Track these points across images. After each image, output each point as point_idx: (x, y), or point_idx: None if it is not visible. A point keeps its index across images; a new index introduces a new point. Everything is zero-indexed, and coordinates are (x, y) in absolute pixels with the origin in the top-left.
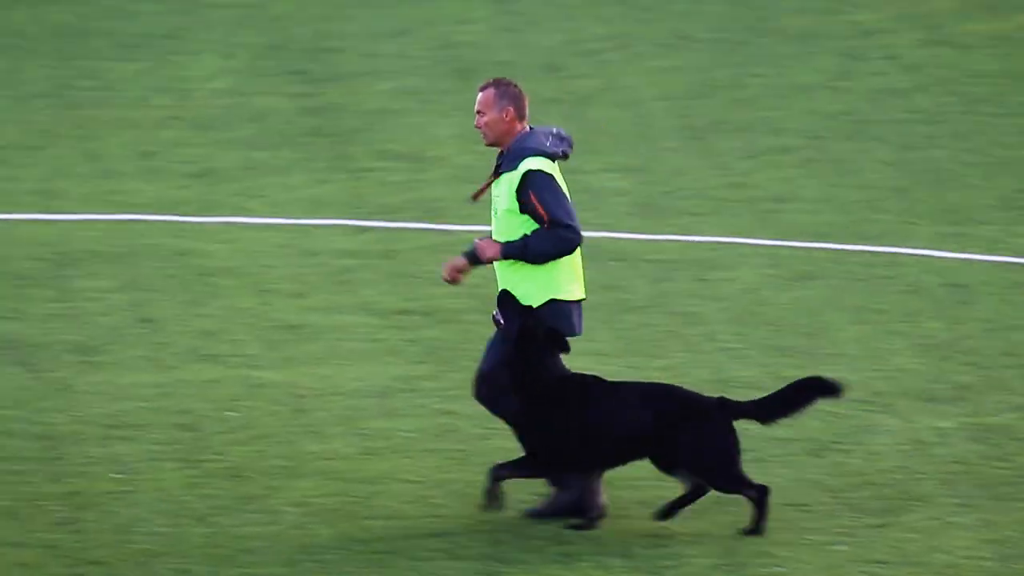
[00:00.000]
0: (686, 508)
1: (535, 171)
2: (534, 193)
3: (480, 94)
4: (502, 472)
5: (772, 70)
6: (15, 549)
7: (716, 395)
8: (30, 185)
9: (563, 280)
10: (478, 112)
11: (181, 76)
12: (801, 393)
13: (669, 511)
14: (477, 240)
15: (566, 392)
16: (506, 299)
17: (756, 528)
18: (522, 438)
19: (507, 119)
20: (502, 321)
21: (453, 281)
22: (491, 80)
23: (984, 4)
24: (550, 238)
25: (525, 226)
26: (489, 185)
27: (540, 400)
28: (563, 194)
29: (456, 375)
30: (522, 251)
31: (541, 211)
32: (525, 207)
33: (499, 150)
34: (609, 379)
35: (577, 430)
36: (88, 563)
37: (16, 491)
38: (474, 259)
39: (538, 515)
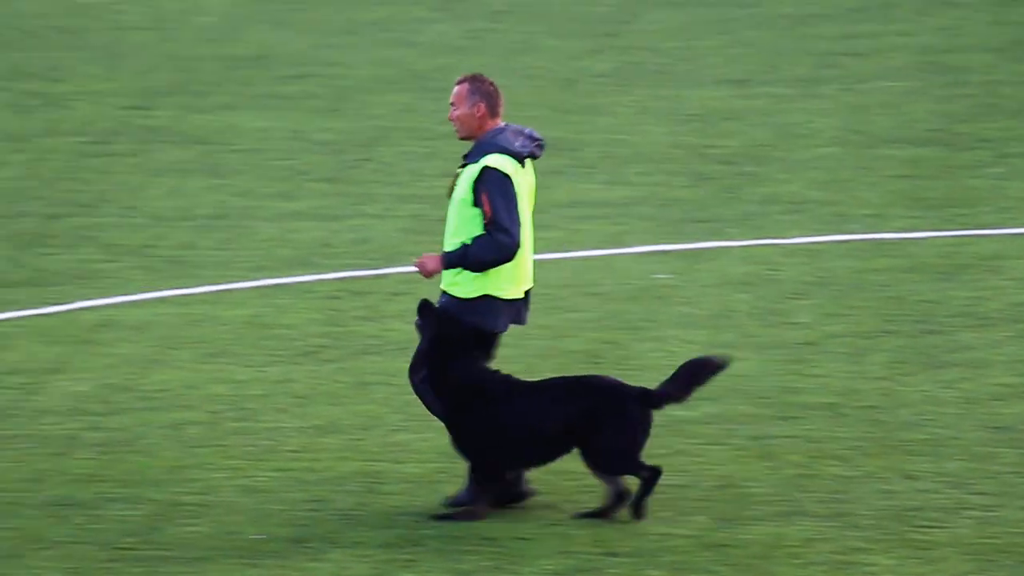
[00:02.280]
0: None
1: (493, 169)
2: (486, 191)
3: (455, 88)
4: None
5: None
6: None
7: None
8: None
9: (501, 278)
10: (451, 104)
11: None
12: (700, 370)
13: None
14: (419, 258)
15: (483, 391)
16: (427, 309)
17: (637, 510)
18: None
19: (478, 115)
20: (420, 324)
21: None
22: (467, 76)
23: None
24: (488, 246)
25: (476, 219)
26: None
27: (458, 400)
28: (513, 198)
29: None
30: (462, 259)
31: (487, 210)
32: (476, 202)
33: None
34: (527, 378)
35: (494, 429)
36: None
37: None
38: (423, 270)
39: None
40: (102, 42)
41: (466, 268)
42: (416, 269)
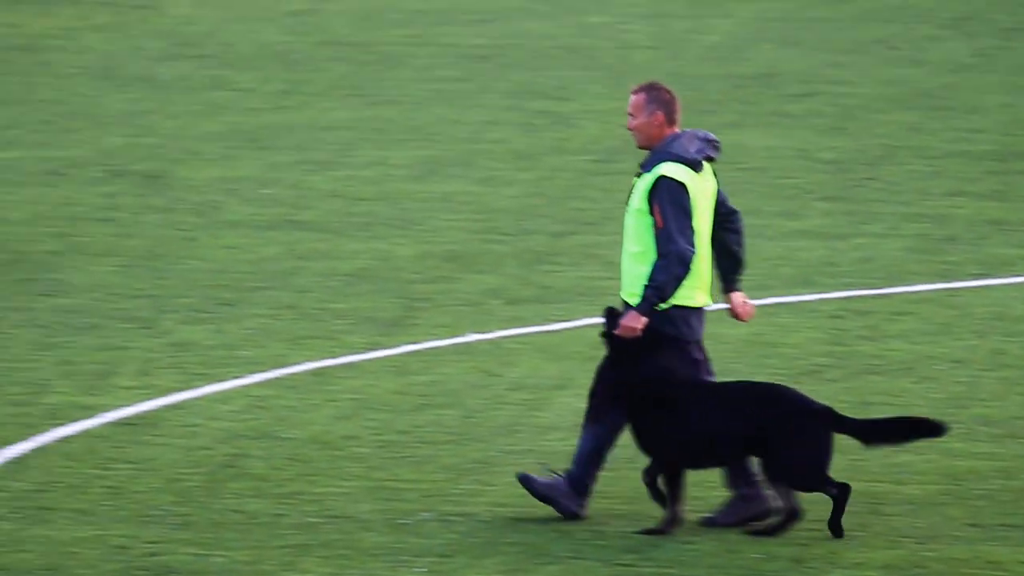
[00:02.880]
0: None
1: (667, 178)
2: (658, 201)
3: (632, 97)
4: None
5: None
6: None
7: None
8: None
9: (685, 286)
10: (629, 115)
11: None
12: (906, 428)
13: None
14: (620, 327)
15: (667, 393)
16: (613, 315)
17: (834, 528)
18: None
19: (656, 123)
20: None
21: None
22: (644, 84)
23: None
24: (666, 267)
25: (651, 228)
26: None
27: (641, 402)
28: (686, 206)
29: None
30: (654, 295)
31: (659, 220)
32: (651, 211)
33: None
34: (715, 380)
35: (677, 431)
36: None
37: None
38: (631, 334)
39: (716, 524)
40: (608, 61)
41: (663, 299)
42: (625, 336)
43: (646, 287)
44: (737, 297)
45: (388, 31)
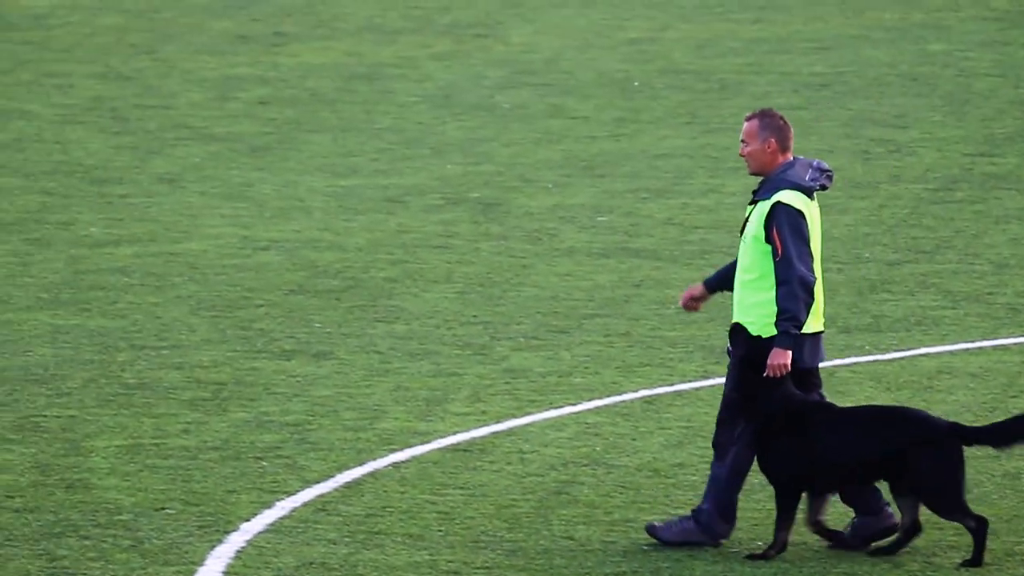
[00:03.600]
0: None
1: (785, 205)
2: (778, 228)
3: (745, 124)
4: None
5: None
6: None
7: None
8: None
9: None
10: (742, 141)
11: None
12: None
13: (888, 550)
14: (769, 368)
15: (794, 417)
16: (737, 332)
17: (975, 560)
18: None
19: (769, 150)
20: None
21: (690, 309)
22: (757, 111)
23: None
24: (793, 295)
25: (768, 256)
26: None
27: (769, 425)
28: (804, 233)
29: None
30: (793, 325)
31: (779, 246)
32: (768, 238)
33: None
34: (840, 405)
35: (806, 454)
36: None
37: None
38: (782, 371)
39: (844, 546)
40: (948, 89)
41: (800, 327)
42: (776, 375)
43: (780, 321)
44: (700, 291)
45: (726, 59)
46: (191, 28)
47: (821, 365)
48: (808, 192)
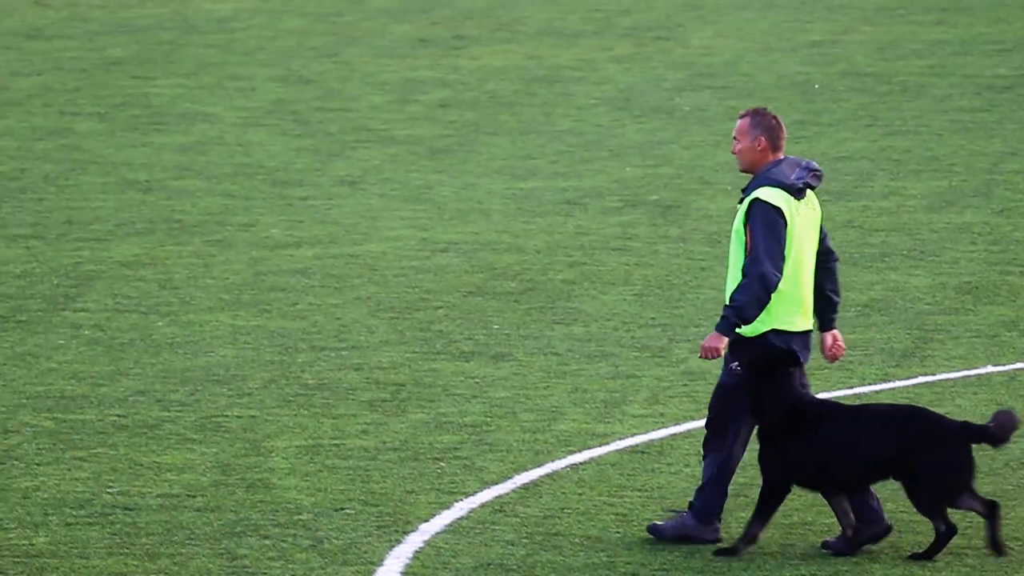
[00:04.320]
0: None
1: (763, 202)
2: (751, 224)
3: (738, 121)
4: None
5: None
6: None
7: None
8: None
9: (784, 311)
10: (734, 139)
11: None
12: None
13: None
14: (701, 349)
15: (802, 416)
16: (736, 345)
17: (927, 554)
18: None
19: (759, 148)
20: (736, 364)
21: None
22: (750, 110)
23: None
24: (746, 287)
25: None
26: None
27: (775, 424)
28: (777, 230)
29: None
30: (734, 315)
31: (749, 241)
32: (746, 233)
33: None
34: (847, 404)
35: (814, 452)
36: None
37: None
38: (712, 355)
39: (835, 550)
40: None
41: (743, 320)
42: (707, 357)
43: (726, 306)
44: (827, 337)
45: (907, 61)
46: (372, 31)
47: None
48: (793, 191)
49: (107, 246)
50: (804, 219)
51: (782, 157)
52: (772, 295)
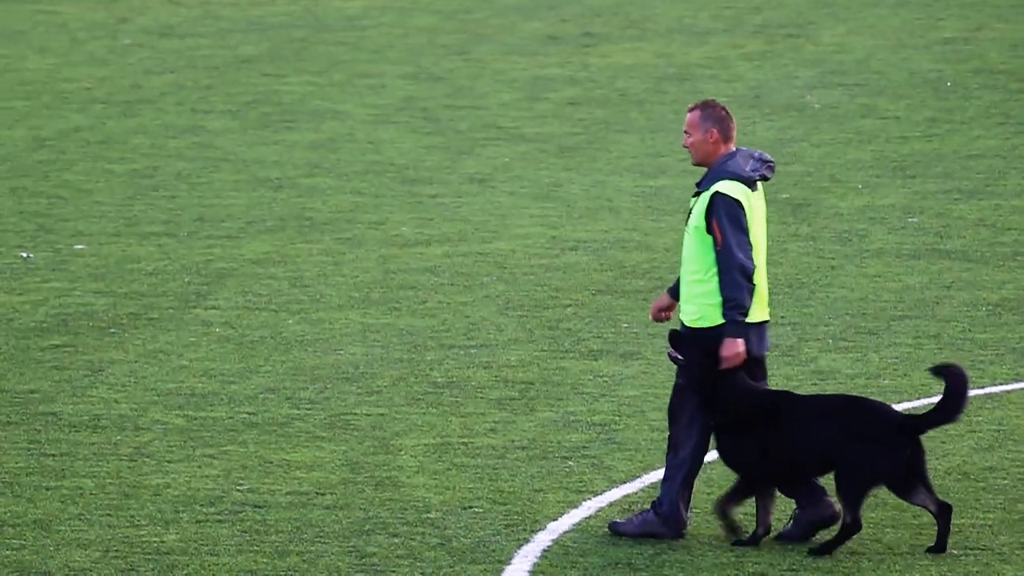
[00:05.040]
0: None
1: (724, 195)
2: (717, 218)
3: (688, 115)
4: (725, 503)
5: None
6: None
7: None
8: None
9: None
10: (685, 132)
11: None
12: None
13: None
14: (726, 360)
15: (755, 408)
16: (676, 337)
17: (825, 549)
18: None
19: (711, 140)
20: (679, 357)
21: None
22: (699, 102)
23: None
24: (735, 282)
25: (710, 246)
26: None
27: (729, 416)
28: (742, 224)
29: None
30: (739, 312)
31: (718, 236)
32: (709, 229)
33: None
34: (799, 394)
35: (765, 444)
36: None
37: None
38: (738, 360)
39: (788, 538)
40: None
41: (745, 313)
42: (735, 364)
43: (726, 310)
44: (666, 299)
45: None
46: (502, 29)
47: None
48: (748, 182)
49: (238, 244)
50: (757, 210)
51: (734, 149)
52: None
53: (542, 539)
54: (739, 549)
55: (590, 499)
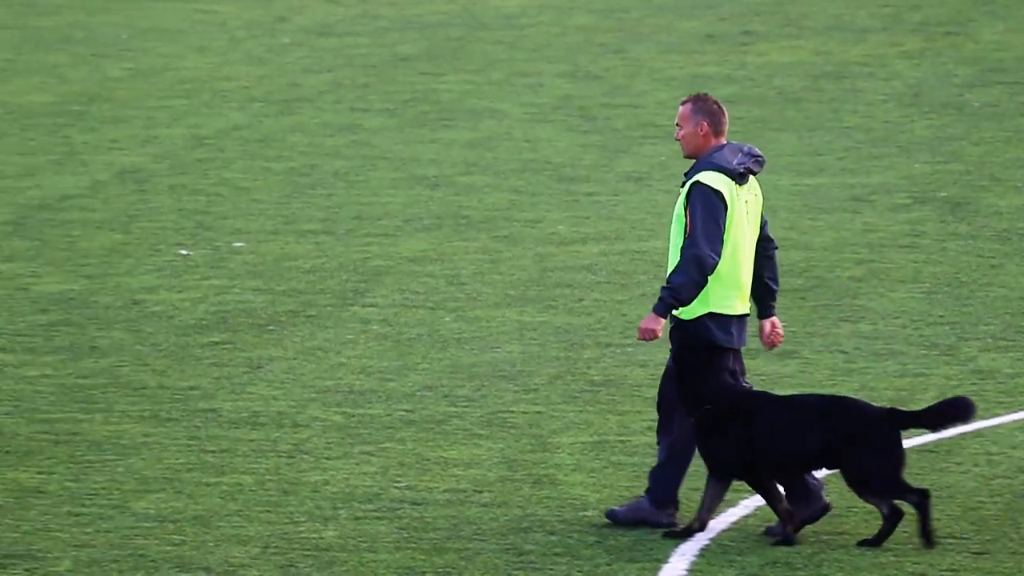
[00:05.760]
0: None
1: (703, 185)
2: (691, 207)
3: (680, 108)
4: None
5: None
6: None
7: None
8: None
9: (722, 295)
10: (676, 125)
11: None
12: (957, 408)
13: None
14: (639, 330)
15: (730, 406)
16: (673, 328)
17: (876, 541)
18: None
19: (701, 133)
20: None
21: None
22: (692, 96)
23: None
24: (683, 268)
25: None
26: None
27: (706, 413)
28: (715, 213)
29: None
30: (671, 297)
31: (688, 224)
32: (686, 216)
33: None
34: (779, 393)
35: (743, 443)
36: None
37: None
38: (648, 336)
39: (772, 533)
40: None
41: (679, 302)
42: (644, 339)
43: (663, 288)
44: (766, 324)
45: None
46: (659, 28)
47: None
48: (734, 175)
49: (395, 241)
50: (745, 204)
51: (724, 142)
52: (709, 278)
53: (700, 538)
54: (898, 549)
55: (748, 498)
